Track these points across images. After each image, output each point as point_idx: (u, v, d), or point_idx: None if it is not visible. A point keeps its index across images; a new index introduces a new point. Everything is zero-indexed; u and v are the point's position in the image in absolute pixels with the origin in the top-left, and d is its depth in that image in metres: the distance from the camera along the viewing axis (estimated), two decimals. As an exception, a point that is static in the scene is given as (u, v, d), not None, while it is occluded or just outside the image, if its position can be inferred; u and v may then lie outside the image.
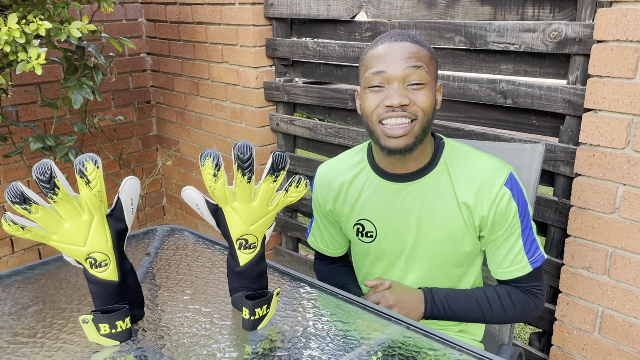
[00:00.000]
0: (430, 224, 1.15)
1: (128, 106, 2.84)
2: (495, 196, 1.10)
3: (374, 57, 1.08)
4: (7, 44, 1.59)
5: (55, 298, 1.10)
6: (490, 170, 1.11)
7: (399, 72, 1.04)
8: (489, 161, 1.13)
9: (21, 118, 2.43)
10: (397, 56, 1.05)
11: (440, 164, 1.14)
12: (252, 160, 0.87)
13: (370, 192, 1.20)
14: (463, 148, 1.17)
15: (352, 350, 0.91)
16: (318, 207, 1.31)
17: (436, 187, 1.14)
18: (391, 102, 1.04)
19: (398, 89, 1.05)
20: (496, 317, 1.17)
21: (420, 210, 1.15)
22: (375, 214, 1.20)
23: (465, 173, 1.13)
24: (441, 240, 1.15)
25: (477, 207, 1.11)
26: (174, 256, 1.28)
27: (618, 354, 1.48)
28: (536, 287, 1.17)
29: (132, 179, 0.92)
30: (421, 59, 1.06)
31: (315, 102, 2.16)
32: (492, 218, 1.11)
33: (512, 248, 1.14)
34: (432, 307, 1.16)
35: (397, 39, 1.07)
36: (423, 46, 1.08)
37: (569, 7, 1.47)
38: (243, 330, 0.96)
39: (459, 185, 1.12)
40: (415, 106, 1.05)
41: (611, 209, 1.40)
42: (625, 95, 1.31)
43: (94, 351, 0.92)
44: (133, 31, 2.78)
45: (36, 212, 0.84)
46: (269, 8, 2.18)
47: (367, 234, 1.22)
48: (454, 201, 1.13)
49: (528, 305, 1.16)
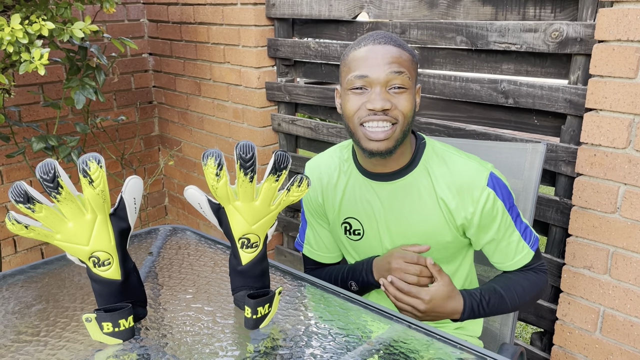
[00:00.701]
0: (411, 222, 1.16)
1: (130, 106, 2.85)
2: (478, 198, 1.11)
3: (356, 59, 1.07)
4: (9, 44, 1.60)
5: (58, 297, 1.10)
6: (469, 172, 1.12)
7: (381, 77, 1.05)
8: (467, 162, 1.14)
9: (24, 118, 2.44)
10: (379, 60, 1.05)
11: (420, 164, 1.15)
12: (254, 159, 0.87)
13: (355, 190, 1.21)
14: (443, 148, 1.17)
15: (354, 348, 0.92)
16: (309, 203, 1.29)
17: (416, 186, 1.15)
18: (373, 106, 1.05)
19: (380, 93, 1.05)
20: (520, 304, 1.17)
21: (401, 209, 1.16)
22: (360, 212, 1.21)
23: (444, 173, 1.13)
24: (421, 238, 1.16)
25: (457, 209, 1.12)
26: (176, 255, 1.29)
27: (619, 353, 1.48)
28: (540, 264, 1.20)
29: (135, 178, 0.92)
30: (403, 63, 1.06)
31: (316, 102, 2.16)
32: (477, 220, 1.12)
33: (511, 241, 1.16)
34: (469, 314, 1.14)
35: (379, 41, 1.07)
36: (405, 49, 1.08)
37: (570, 6, 1.47)
38: (245, 329, 0.96)
39: (439, 184, 1.13)
40: (396, 110, 1.06)
41: (612, 208, 1.40)
42: (626, 94, 1.31)
43: (96, 349, 0.92)
44: (135, 31, 2.78)
45: (39, 211, 0.84)
46: (270, 8, 2.18)
47: (354, 232, 1.23)
48: (434, 199, 1.14)
49: (539, 282, 1.19)
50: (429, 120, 1.81)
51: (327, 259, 1.33)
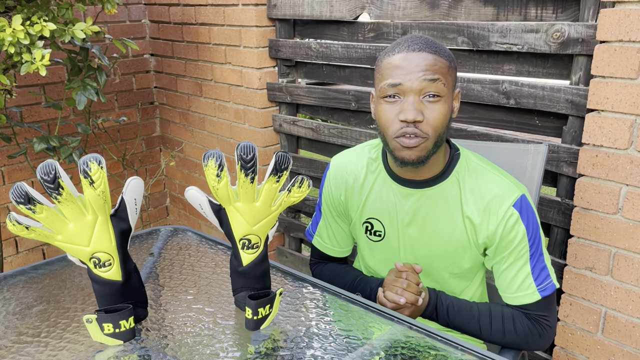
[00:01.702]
0: (434, 233, 1.15)
1: (131, 107, 2.85)
2: (502, 215, 1.08)
3: (390, 67, 1.05)
4: (11, 45, 1.60)
5: (59, 297, 1.10)
6: (500, 189, 1.09)
7: (414, 85, 1.02)
8: (501, 179, 1.11)
9: (25, 119, 2.44)
10: (413, 68, 1.02)
11: (452, 175, 1.13)
12: (254, 160, 0.87)
13: (381, 192, 1.19)
14: (478, 162, 1.14)
15: (355, 349, 0.91)
16: (329, 199, 1.28)
17: (445, 198, 1.13)
18: (405, 117, 1.02)
19: (413, 102, 1.02)
20: (493, 337, 1.14)
21: (426, 218, 1.14)
22: (383, 214, 1.19)
23: (474, 188, 1.11)
24: (442, 251, 1.15)
25: (482, 225, 1.10)
26: (177, 256, 1.29)
27: (621, 355, 1.47)
28: (544, 316, 1.12)
29: (136, 179, 0.92)
30: (438, 70, 1.03)
31: (317, 102, 2.16)
32: (498, 238, 1.09)
33: (519, 272, 1.10)
34: (432, 310, 1.15)
35: (414, 48, 1.03)
36: (441, 55, 1.04)
37: (572, 7, 1.47)
38: (246, 330, 0.96)
39: (467, 199, 1.11)
40: (427, 124, 1.03)
41: (614, 209, 1.40)
42: (628, 95, 1.31)
43: (97, 350, 0.92)
44: (136, 32, 2.79)
45: (40, 211, 0.84)
46: (271, 9, 2.18)
47: (375, 233, 1.22)
48: (460, 214, 1.12)
49: (532, 334, 1.12)
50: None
51: (335, 253, 1.35)
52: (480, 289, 1.26)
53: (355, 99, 2.01)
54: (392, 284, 1.11)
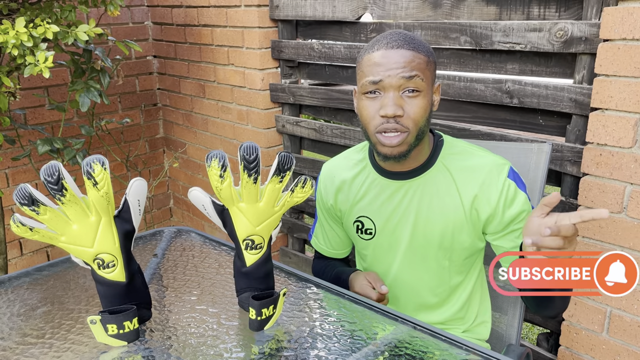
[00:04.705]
0: (427, 221, 1.16)
1: (135, 108, 2.86)
2: (501, 187, 1.11)
3: (370, 65, 1.08)
4: (14, 47, 1.60)
5: (63, 299, 1.11)
6: (491, 163, 1.13)
7: (393, 82, 1.05)
8: (487, 156, 1.15)
9: (29, 121, 2.45)
10: (392, 65, 1.05)
11: (437, 162, 1.16)
12: (257, 160, 0.87)
13: (370, 190, 1.22)
14: (462, 145, 1.19)
15: (359, 350, 0.91)
16: (321, 203, 1.33)
17: (434, 184, 1.15)
18: (385, 112, 1.05)
19: (393, 98, 1.06)
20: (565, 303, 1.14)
21: (418, 207, 1.17)
22: (374, 211, 1.21)
23: (466, 167, 1.14)
24: (438, 236, 1.16)
25: (482, 202, 1.12)
26: (180, 257, 1.29)
27: (626, 354, 1.47)
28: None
29: (139, 180, 0.92)
30: (416, 66, 1.06)
31: (320, 103, 2.16)
32: (502, 208, 1.11)
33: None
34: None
35: (392, 45, 1.06)
36: (419, 51, 1.07)
37: (575, 5, 1.47)
38: (250, 331, 0.96)
39: (461, 179, 1.13)
40: (408, 119, 1.06)
41: (618, 208, 1.39)
42: (631, 93, 1.31)
43: (101, 351, 0.93)
44: (139, 34, 2.79)
45: (44, 213, 0.84)
46: (274, 10, 2.18)
47: (366, 231, 1.24)
48: (455, 196, 1.13)
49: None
50: (433, 121, 1.81)
51: (330, 254, 1.39)
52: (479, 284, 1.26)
53: (358, 99, 2.01)
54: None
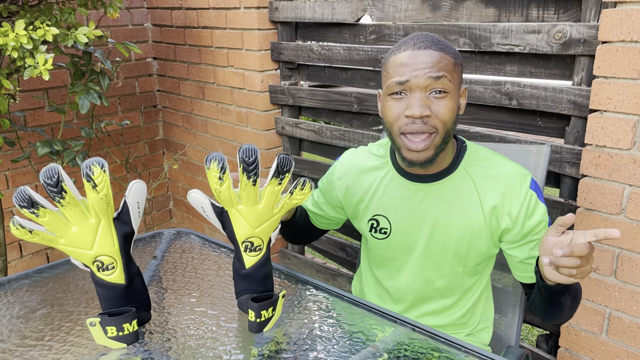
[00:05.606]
0: (445, 226, 1.15)
1: (134, 110, 2.86)
2: (523, 198, 1.10)
3: (397, 65, 1.06)
4: (14, 50, 1.60)
5: (63, 301, 1.11)
6: (515, 172, 1.12)
7: (420, 82, 1.03)
8: (510, 164, 1.15)
9: (29, 123, 2.45)
10: (419, 65, 1.04)
11: (460, 168, 1.15)
12: (256, 162, 0.87)
13: (389, 189, 1.20)
14: (485, 152, 1.18)
15: (358, 351, 0.91)
16: (329, 176, 1.30)
17: (455, 190, 1.14)
18: (412, 113, 1.03)
19: (419, 98, 1.04)
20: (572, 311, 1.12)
21: (437, 212, 1.15)
22: (391, 210, 1.20)
23: (489, 174, 1.13)
24: (455, 242, 1.15)
25: (504, 208, 1.11)
26: (180, 259, 1.29)
27: (625, 356, 1.47)
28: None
29: (138, 182, 0.92)
30: (444, 67, 1.04)
31: (320, 104, 2.16)
32: (522, 219, 1.11)
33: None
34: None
35: (420, 46, 1.05)
36: (447, 52, 1.06)
37: (573, 7, 1.47)
38: (249, 332, 0.96)
39: (483, 186, 1.13)
40: (435, 118, 1.05)
41: (617, 209, 1.40)
42: (630, 95, 1.31)
43: (101, 353, 0.93)
44: (139, 36, 2.80)
45: (44, 215, 0.85)
46: (273, 12, 2.18)
47: (380, 230, 1.22)
48: (476, 203, 1.13)
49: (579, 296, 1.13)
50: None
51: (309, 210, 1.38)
52: (486, 288, 1.26)
53: (358, 101, 2.01)
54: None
